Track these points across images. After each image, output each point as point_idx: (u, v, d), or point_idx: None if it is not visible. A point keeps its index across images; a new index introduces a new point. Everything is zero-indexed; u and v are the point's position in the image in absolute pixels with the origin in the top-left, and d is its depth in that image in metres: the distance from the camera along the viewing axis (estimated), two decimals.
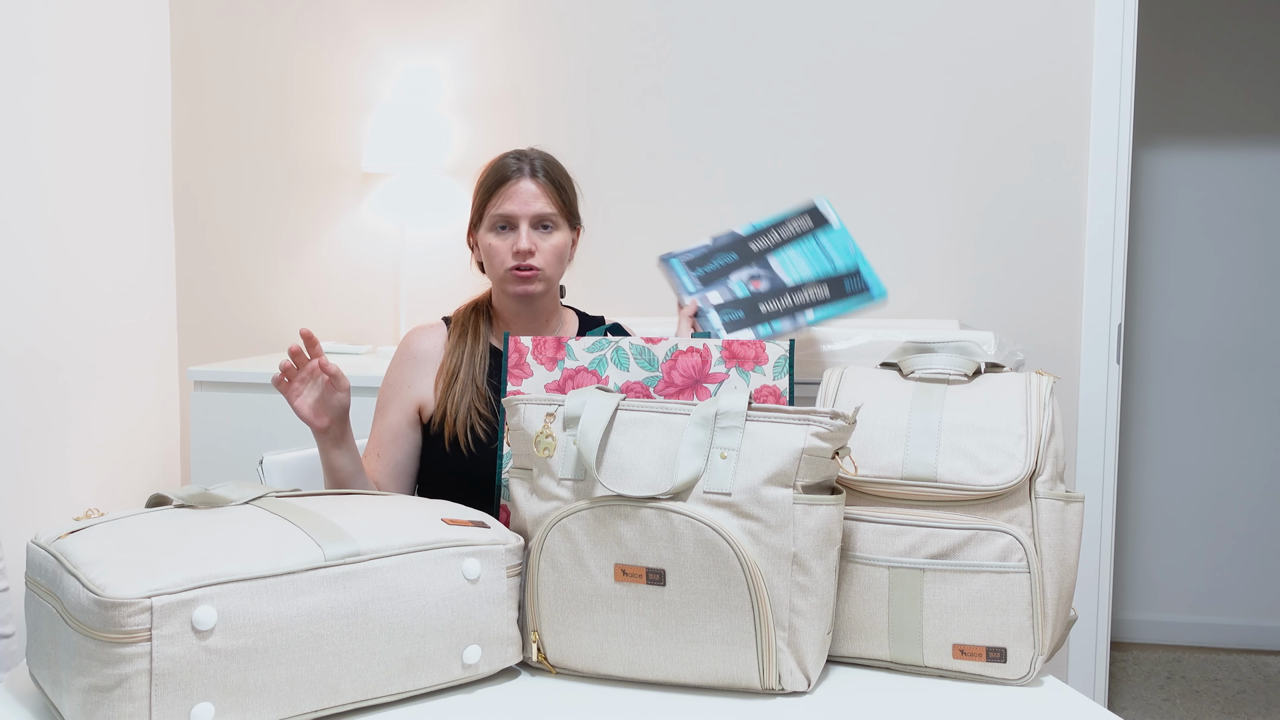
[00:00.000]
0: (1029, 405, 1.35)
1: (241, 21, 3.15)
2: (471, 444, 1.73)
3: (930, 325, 2.72)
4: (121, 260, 3.01)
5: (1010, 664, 1.30)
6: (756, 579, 1.22)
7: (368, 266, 3.13)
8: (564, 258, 1.81)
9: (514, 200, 1.76)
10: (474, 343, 1.81)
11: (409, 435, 1.80)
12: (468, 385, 1.76)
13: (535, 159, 1.80)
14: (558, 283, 1.83)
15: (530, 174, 1.77)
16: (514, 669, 1.33)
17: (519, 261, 1.75)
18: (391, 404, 1.81)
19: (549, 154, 1.84)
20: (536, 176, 1.77)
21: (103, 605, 1.05)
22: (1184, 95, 3.62)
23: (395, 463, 1.79)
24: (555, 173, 1.81)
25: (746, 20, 2.94)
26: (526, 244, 1.74)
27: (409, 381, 1.81)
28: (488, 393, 1.77)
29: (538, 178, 1.77)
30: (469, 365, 1.78)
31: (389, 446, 1.80)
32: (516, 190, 1.76)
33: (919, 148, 2.89)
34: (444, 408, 1.76)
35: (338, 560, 1.17)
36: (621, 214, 3.00)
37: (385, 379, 1.85)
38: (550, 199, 1.77)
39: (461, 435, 1.74)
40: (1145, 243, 3.67)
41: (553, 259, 1.78)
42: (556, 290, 1.86)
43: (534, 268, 1.75)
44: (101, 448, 2.94)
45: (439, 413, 1.77)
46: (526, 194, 1.76)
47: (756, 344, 1.55)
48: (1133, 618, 3.72)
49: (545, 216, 1.77)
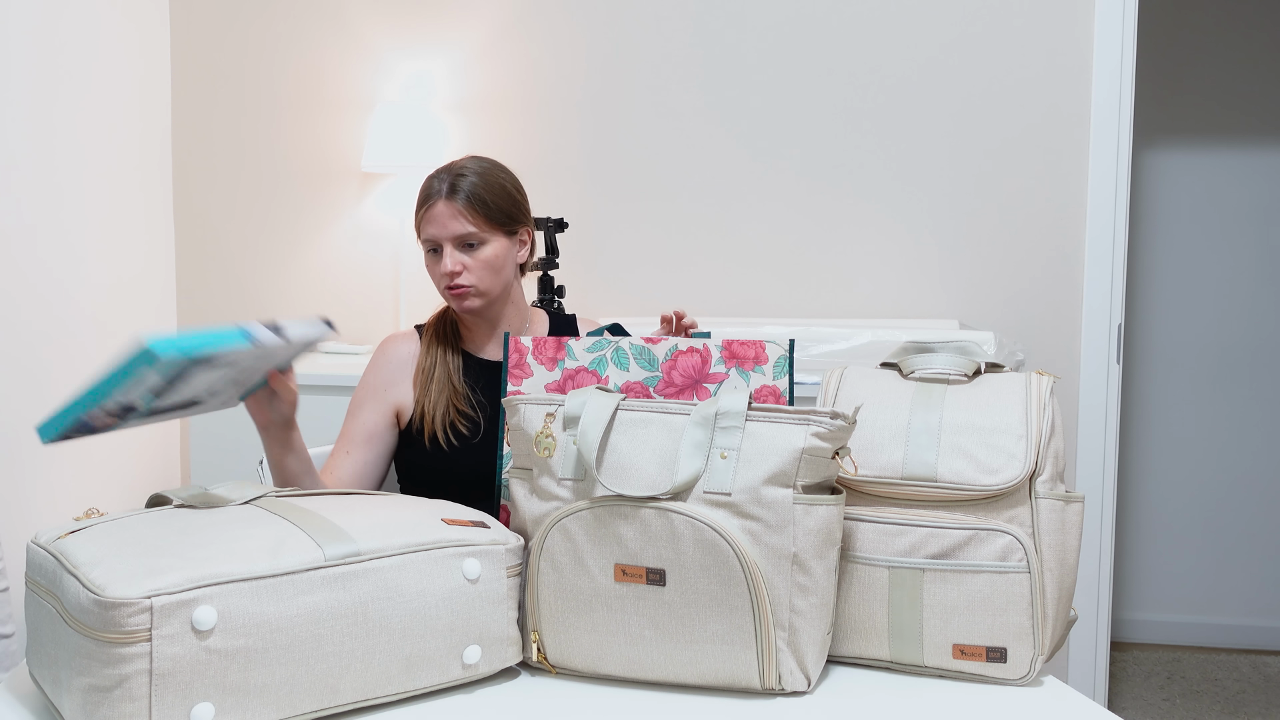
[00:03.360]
0: (1029, 405, 1.35)
1: (241, 22, 3.15)
2: (453, 438, 1.75)
3: (930, 325, 2.72)
4: (121, 260, 3.01)
5: (1010, 664, 1.30)
6: (756, 579, 1.22)
7: (368, 266, 3.13)
8: (499, 267, 1.76)
9: (434, 223, 1.74)
10: (445, 346, 1.82)
11: (383, 437, 1.80)
12: (444, 384, 1.78)
13: (459, 174, 1.75)
14: (498, 290, 1.78)
15: (447, 194, 1.73)
16: (514, 669, 1.33)
17: (448, 282, 1.75)
18: (366, 405, 1.81)
19: (480, 163, 1.79)
20: (454, 196, 1.73)
21: (103, 605, 1.05)
22: (1184, 95, 3.62)
23: (364, 463, 1.78)
24: (478, 188, 1.75)
25: (746, 20, 2.93)
26: (450, 265, 1.73)
27: (386, 385, 1.81)
28: (464, 389, 1.78)
29: (455, 199, 1.73)
30: (443, 365, 1.79)
31: (361, 446, 1.79)
32: (436, 213, 1.74)
33: (919, 148, 2.89)
34: (422, 406, 1.77)
35: (338, 560, 1.17)
36: (620, 214, 3.00)
37: (361, 382, 1.84)
38: (468, 218, 1.73)
39: (441, 432, 1.75)
40: (1145, 243, 3.67)
41: (485, 273, 1.75)
42: (509, 293, 1.82)
43: (464, 285, 1.74)
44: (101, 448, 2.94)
45: (418, 411, 1.78)
46: (444, 216, 1.73)
47: (756, 344, 1.55)
48: (1133, 618, 3.72)
49: (466, 236, 1.73)
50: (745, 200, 2.96)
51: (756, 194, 2.96)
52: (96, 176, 2.90)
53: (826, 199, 2.93)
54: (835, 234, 2.93)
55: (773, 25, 2.92)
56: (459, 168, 1.77)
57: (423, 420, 1.77)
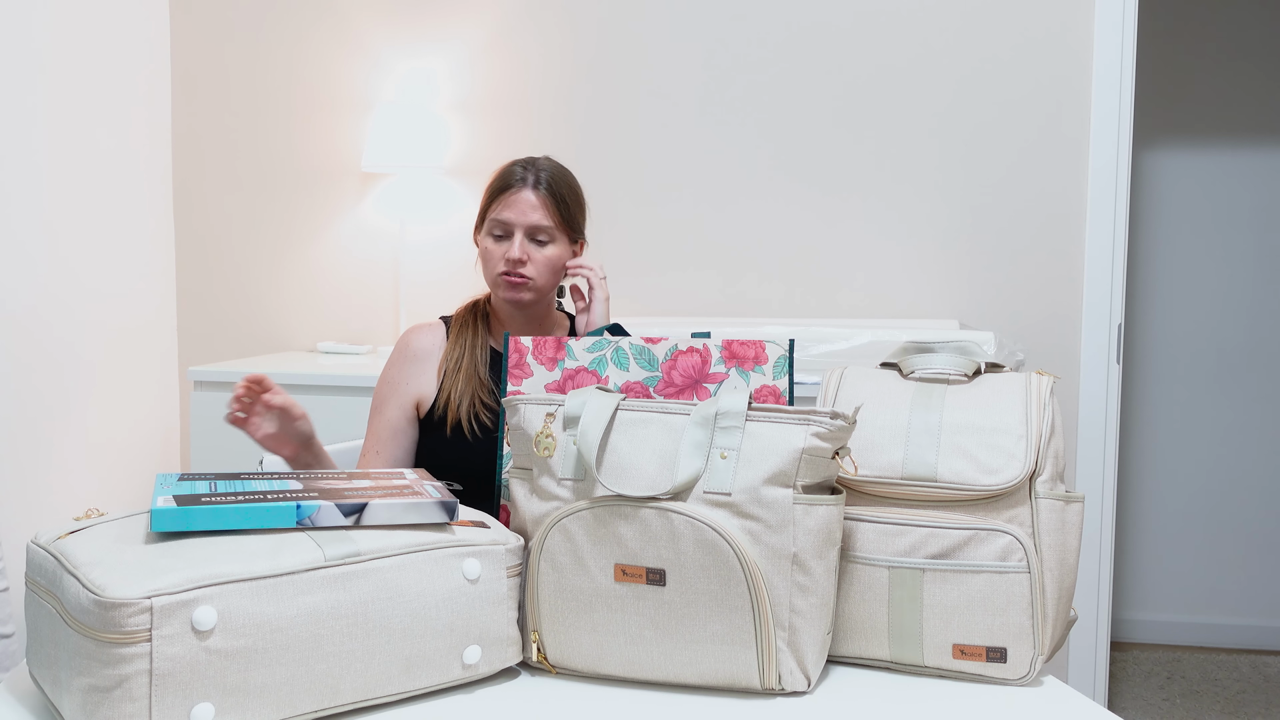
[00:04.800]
0: (1029, 405, 1.35)
1: (241, 22, 3.15)
2: (476, 429, 1.77)
3: (930, 325, 2.72)
4: (121, 260, 3.01)
5: (1010, 664, 1.29)
6: (756, 579, 1.22)
7: (368, 266, 3.13)
8: (557, 270, 1.81)
9: (512, 209, 1.78)
10: (474, 338, 1.84)
11: (407, 431, 1.83)
12: (471, 374, 1.80)
13: (543, 170, 1.81)
14: (550, 292, 1.83)
15: (533, 185, 1.78)
16: (514, 669, 1.33)
17: (510, 269, 1.77)
18: (389, 401, 1.84)
19: (560, 166, 1.84)
20: (538, 188, 1.78)
21: (103, 605, 1.05)
22: (1184, 95, 3.62)
23: (394, 460, 1.83)
24: (559, 186, 1.81)
25: (747, 20, 2.94)
26: (518, 253, 1.76)
27: (407, 378, 1.84)
28: (490, 383, 1.80)
29: (539, 189, 1.78)
30: (470, 356, 1.81)
31: (388, 444, 1.83)
32: (516, 199, 1.78)
33: (919, 147, 2.89)
34: (448, 393, 1.79)
35: (338, 560, 1.17)
36: (620, 214, 3.00)
37: (382, 377, 1.87)
38: (548, 211, 1.78)
39: (465, 422, 1.77)
40: (1145, 243, 3.67)
41: (545, 270, 1.79)
42: (552, 298, 1.87)
43: (524, 276, 1.77)
44: (102, 448, 2.94)
45: (442, 397, 1.80)
46: (525, 204, 1.77)
47: (756, 344, 1.55)
48: (1133, 618, 3.72)
49: (540, 228, 1.78)
50: (745, 199, 2.96)
51: (756, 193, 2.96)
52: (97, 177, 2.90)
53: (827, 199, 2.93)
54: (835, 234, 2.93)
55: (774, 25, 2.92)
56: (542, 163, 1.82)
57: (446, 408, 1.79)
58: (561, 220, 1.80)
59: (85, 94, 2.85)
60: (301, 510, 1.20)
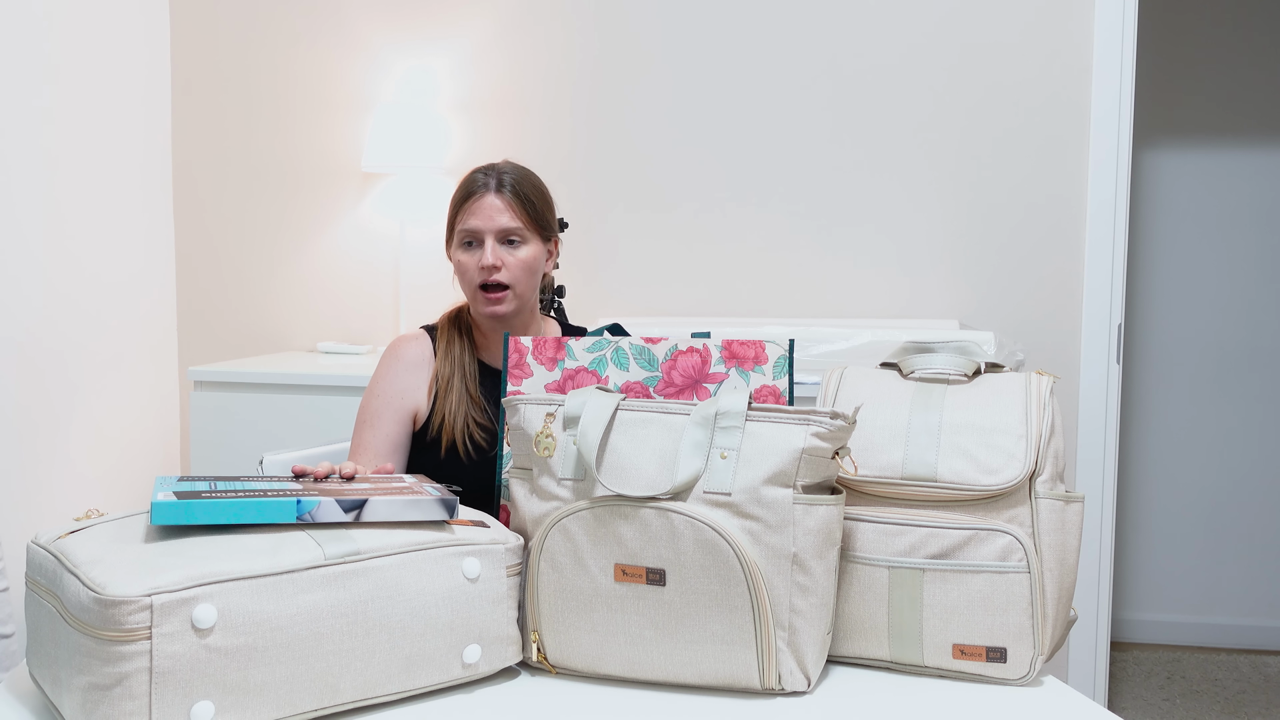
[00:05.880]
0: (1029, 405, 1.35)
1: (241, 22, 3.15)
2: (472, 450, 1.74)
3: (930, 325, 2.72)
4: (121, 260, 3.01)
5: (1010, 664, 1.30)
6: (756, 579, 1.22)
7: (367, 266, 3.13)
8: (535, 270, 1.78)
9: (478, 215, 1.75)
10: (460, 351, 1.80)
11: (405, 446, 1.80)
12: (462, 394, 1.76)
13: (505, 172, 1.77)
14: (530, 297, 1.80)
15: (496, 188, 1.75)
16: (514, 669, 1.33)
17: (485, 278, 1.74)
18: (384, 415, 1.78)
19: (521, 167, 1.81)
20: (502, 190, 1.75)
21: (103, 604, 1.05)
22: (1184, 95, 3.62)
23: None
24: (523, 186, 1.77)
25: (748, 21, 2.94)
26: (491, 259, 1.73)
27: (403, 390, 1.79)
28: (482, 400, 1.77)
29: (503, 192, 1.75)
30: (460, 373, 1.78)
31: (390, 458, 1.77)
32: (481, 205, 1.75)
33: (920, 148, 2.89)
34: (441, 414, 1.76)
35: (337, 559, 1.17)
36: (620, 214, 3.00)
37: (373, 389, 1.81)
38: (515, 213, 1.75)
39: (460, 443, 1.74)
40: (1145, 243, 3.67)
41: (521, 273, 1.75)
42: (534, 303, 1.83)
43: (502, 285, 1.74)
44: (102, 448, 2.94)
45: (436, 419, 1.76)
46: (491, 208, 1.74)
47: (756, 344, 1.55)
48: (1133, 618, 3.72)
49: (510, 230, 1.74)
50: (745, 199, 2.96)
51: (756, 193, 2.96)
52: (96, 176, 2.90)
53: (827, 199, 2.93)
54: (835, 234, 2.93)
55: (774, 26, 2.92)
56: (503, 166, 1.79)
57: (440, 430, 1.75)
58: (530, 219, 1.76)
59: (85, 94, 2.85)
60: (302, 505, 1.20)
